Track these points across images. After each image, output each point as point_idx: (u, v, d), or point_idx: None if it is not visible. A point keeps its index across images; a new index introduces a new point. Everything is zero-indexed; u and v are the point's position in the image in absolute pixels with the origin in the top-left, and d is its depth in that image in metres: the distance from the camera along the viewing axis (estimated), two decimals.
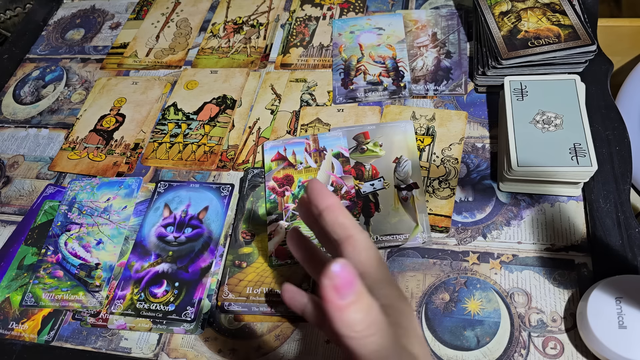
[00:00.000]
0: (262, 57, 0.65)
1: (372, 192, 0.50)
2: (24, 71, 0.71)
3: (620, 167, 0.48)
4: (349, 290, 0.24)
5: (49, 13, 0.79)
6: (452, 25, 0.62)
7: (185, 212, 0.51)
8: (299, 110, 0.58)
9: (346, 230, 0.31)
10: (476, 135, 0.53)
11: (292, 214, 0.49)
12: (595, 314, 0.38)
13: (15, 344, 0.47)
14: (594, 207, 0.46)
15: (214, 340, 0.44)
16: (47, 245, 0.51)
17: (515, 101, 0.48)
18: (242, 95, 0.61)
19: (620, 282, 0.39)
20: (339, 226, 0.31)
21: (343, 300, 0.24)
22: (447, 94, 0.56)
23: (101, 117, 0.62)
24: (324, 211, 0.31)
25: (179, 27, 0.71)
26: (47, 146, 0.62)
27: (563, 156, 0.44)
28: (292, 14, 0.69)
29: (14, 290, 0.49)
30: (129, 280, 0.48)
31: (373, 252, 0.31)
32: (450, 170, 0.51)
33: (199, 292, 0.46)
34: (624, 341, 0.36)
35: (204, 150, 0.56)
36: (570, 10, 0.53)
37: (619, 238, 0.44)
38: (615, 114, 0.51)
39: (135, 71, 0.67)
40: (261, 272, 0.47)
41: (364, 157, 0.52)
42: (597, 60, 0.54)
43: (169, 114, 0.61)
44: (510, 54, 0.51)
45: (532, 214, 0.47)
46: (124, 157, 0.58)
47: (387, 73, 0.59)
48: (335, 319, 0.25)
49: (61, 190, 0.56)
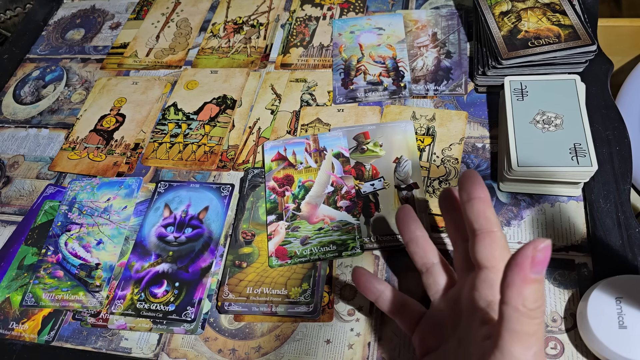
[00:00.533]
0: (262, 57, 0.65)
1: (372, 192, 0.50)
2: (24, 71, 0.71)
3: (620, 167, 0.48)
4: (541, 268, 0.25)
5: (49, 13, 0.79)
6: (452, 25, 0.62)
7: (186, 212, 0.51)
8: (299, 110, 0.58)
9: (490, 225, 0.33)
10: (476, 135, 0.53)
11: (292, 214, 0.49)
12: (595, 314, 0.38)
13: (16, 344, 0.47)
14: (594, 207, 0.46)
15: (214, 340, 0.44)
16: (47, 245, 0.51)
17: (516, 101, 0.48)
18: (242, 95, 0.61)
19: (620, 282, 0.39)
20: (484, 218, 0.33)
21: (533, 274, 0.25)
22: (447, 94, 0.56)
23: (101, 117, 0.62)
24: (475, 199, 0.34)
25: (179, 27, 0.71)
26: (47, 146, 0.62)
27: (563, 156, 0.44)
28: (292, 14, 0.69)
29: (14, 290, 0.49)
30: (129, 280, 0.48)
31: (507, 254, 0.33)
32: (451, 170, 0.51)
33: (199, 292, 0.46)
34: (624, 341, 0.36)
35: (204, 150, 0.56)
36: (570, 10, 0.53)
37: (619, 238, 0.44)
38: (615, 114, 0.51)
39: (136, 71, 0.67)
40: (261, 272, 0.47)
41: (364, 157, 0.52)
42: (597, 60, 0.54)
43: (169, 114, 0.61)
44: (511, 54, 0.51)
45: (532, 214, 0.47)
46: (124, 157, 0.58)
47: (387, 73, 0.59)
48: (515, 287, 0.26)
49: (61, 190, 0.56)
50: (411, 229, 0.40)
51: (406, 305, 0.39)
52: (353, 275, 0.41)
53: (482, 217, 0.33)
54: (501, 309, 0.27)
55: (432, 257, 0.39)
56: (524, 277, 0.26)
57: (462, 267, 0.37)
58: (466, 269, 0.36)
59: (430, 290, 0.39)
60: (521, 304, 0.26)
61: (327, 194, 0.50)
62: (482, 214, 0.33)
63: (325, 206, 0.49)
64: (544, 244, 0.25)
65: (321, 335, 0.43)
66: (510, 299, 0.26)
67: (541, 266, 0.25)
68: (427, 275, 0.39)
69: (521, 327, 0.27)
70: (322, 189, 0.50)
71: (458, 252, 0.38)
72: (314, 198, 0.50)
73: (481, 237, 0.33)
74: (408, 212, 0.41)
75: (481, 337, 0.31)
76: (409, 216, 0.40)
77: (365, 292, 0.40)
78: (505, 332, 0.27)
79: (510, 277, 0.26)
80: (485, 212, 0.33)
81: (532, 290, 0.26)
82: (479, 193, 0.34)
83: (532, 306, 0.26)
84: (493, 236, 0.33)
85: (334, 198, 0.50)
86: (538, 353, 0.27)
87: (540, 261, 0.25)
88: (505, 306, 0.27)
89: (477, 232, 0.33)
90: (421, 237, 0.40)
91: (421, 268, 0.40)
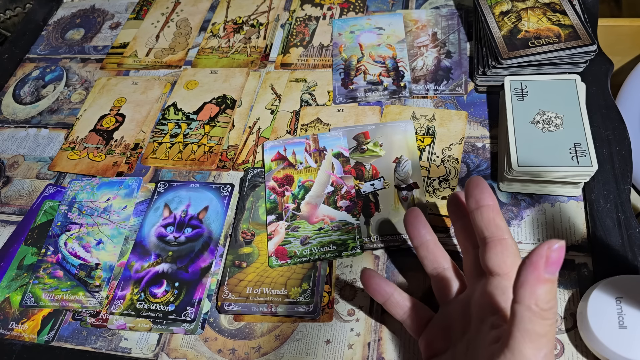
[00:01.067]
0: (262, 57, 0.65)
1: (372, 192, 0.50)
2: (23, 71, 0.71)
3: (620, 167, 0.48)
4: (555, 268, 0.26)
5: (49, 13, 0.79)
6: (452, 25, 0.62)
7: (185, 212, 0.51)
8: (299, 110, 0.58)
9: (501, 232, 0.33)
10: (476, 135, 0.53)
11: (292, 214, 0.49)
12: (595, 314, 0.38)
13: (15, 344, 0.47)
14: (594, 207, 0.46)
15: (214, 340, 0.44)
16: (47, 245, 0.51)
17: (516, 101, 0.48)
18: (242, 95, 0.61)
19: (620, 282, 0.39)
20: (495, 226, 0.33)
21: (547, 274, 0.26)
22: (447, 94, 0.56)
23: (101, 117, 0.62)
24: (483, 207, 0.34)
25: (179, 27, 0.71)
26: (47, 146, 0.62)
27: (563, 156, 0.44)
28: (292, 14, 0.69)
29: (14, 290, 0.49)
30: (129, 280, 0.48)
31: (518, 261, 0.33)
32: (451, 170, 0.51)
33: (199, 292, 0.46)
34: (624, 341, 0.36)
35: (204, 150, 0.56)
36: (570, 10, 0.53)
37: (619, 238, 0.44)
38: (615, 114, 0.51)
39: (135, 71, 0.67)
40: (261, 272, 0.47)
41: (364, 157, 0.52)
42: (597, 60, 0.54)
43: (169, 114, 0.61)
44: (511, 53, 0.51)
45: (532, 214, 0.47)
46: (124, 157, 0.58)
47: (387, 73, 0.59)
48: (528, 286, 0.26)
49: (61, 190, 0.56)
50: (421, 234, 0.39)
51: (414, 308, 0.39)
52: (362, 276, 0.41)
53: (492, 224, 0.33)
54: (513, 309, 0.27)
55: (443, 262, 0.39)
56: (537, 276, 0.26)
57: (472, 273, 0.37)
58: (476, 275, 0.36)
59: (440, 295, 0.39)
60: (534, 303, 0.26)
61: (327, 194, 0.50)
62: (492, 222, 0.33)
63: (325, 206, 0.49)
64: (558, 244, 0.25)
65: (321, 335, 0.43)
66: (523, 298, 0.26)
67: (555, 266, 0.26)
68: (437, 280, 0.39)
69: (533, 327, 0.26)
70: (322, 189, 0.50)
71: (468, 258, 0.38)
72: (313, 198, 0.50)
73: (492, 244, 0.33)
74: (417, 215, 0.40)
75: (490, 340, 0.30)
76: (418, 219, 0.40)
77: (374, 295, 0.40)
78: (517, 331, 0.27)
79: (524, 276, 0.26)
80: (495, 219, 0.33)
81: (546, 290, 0.26)
82: (487, 200, 0.34)
83: (544, 306, 0.26)
84: (504, 243, 0.33)
85: (334, 198, 0.50)
86: (548, 355, 0.27)
87: (554, 261, 0.25)
88: (517, 305, 0.27)
89: (488, 239, 0.33)
90: (431, 241, 0.39)
91: (431, 272, 0.39)
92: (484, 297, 0.33)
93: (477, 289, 0.35)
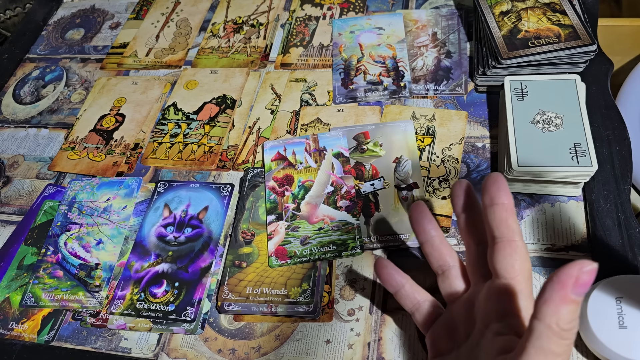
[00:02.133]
0: (262, 57, 0.65)
1: (372, 192, 0.50)
2: (23, 71, 0.71)
3: (620, 167, 0.48)
4: (583, 290, 0.25)
5: (49, 13, 0.79)
6: (452, 25, 0.62)
7: (185, 212, 0.51)
8: (299, 110, 0.58)
9: (512, 234, 0.32)
10: (476, 135, 0.53)
11: (292, 214, 0.49)
12: (595, 314, 0.38)
13: (15, 344, 0.47)
14: (594, 207, 0.46)
15: (214, 340, 0.44)
16: (47, 245, 0.51)
17: (516, 101, 0.48)
18: (242, 95, 0.61)
19: (620, 282, 0.39)
20: (506, 226, 0.32)
21: (573, 295, 0.25)
22: (447, 94, 0.56)
23: (101, 117, 0.62)
24: (498, 205, 0.32)
25: (179, 27, 0.71)
26: (47, 146, 0.62)
27: (563, 156, 0.44)
28: (292, 14, 0.69)
29: (14, 290, 0.49)
30: (129, 280, 0.48)
31: (527, 265, 0.32)
32: (451, 170, 0.51)
33: (199, 292, 0.46)
34: (624, 341, 0.36)
35: (204, 150, 0.56)
36: (570, 10, 0.53)
37: (619, 238, 0.44)
38: (615, 114, 0.51)
39: (135, 71, 0.67)
40: (261, 272, 0.47)
41: (364, 157, 0.52)
42: (597, 60, 0.54)
43: (168, 114, 0.61)
44: (511, 53, 0.51)
45: (532, 214, 0.47)
46: (124, 157, 0.58)
47: (387, 73, 0.59)
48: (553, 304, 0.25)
49: (61, 190, 0.56)
50: (426, 230, 0.38)
51: (425, 303, 0.38)
52: (376, 266, 0.40)
53: (504, 224, 0.32)
54: (532, 325, 0.26)
55: (449, 260, 0.38)
56: (564, 295, 0.25)
57: (475, 272, 0.36)
58: (480, 275, 0.35)
59: (445, 294, 0.38)
60: (555, 322, 0.25)
61: (327, 194, 0.50)
62: (504, 222, 0.32)
63: (325, 206, 0.49)
64: (590, 267, 0.24)
65: (321, 335, 0.43)
66: (545, 316, 0.25)
67: (584, 288, 0.25)
68: (442, 278, 0.38)
69: (549, 346, 0.26)
70: (322, 189, 0.50)
71: (470, 256, 0.37)
72: (313, 198, 0.50)
73: (501, 245, 0.32)
74: (422, 210, 0.38)
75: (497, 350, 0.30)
76: (423, 215, 0.38)
77: (386, 284, 0.39)
78: (532, 348, 0.26)
79: (549, 294, 0.25)
80: (507, 219, 0.32)
81: (570, 311, 0.25)
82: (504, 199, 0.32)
83: (565, 327, 0.25)
84: (514, 246, 0.32)
85: (334, 198, 0.50)
86: None
87: (583, 283, 0.25)
88: (537, 322, 0.26)
89: (498, 240, 0.32)
90: (436, 237, 0.38)
91: (437, 270, 0.38)
92: (489, 302, 0.32)
93: (482, 291, 0.34)
